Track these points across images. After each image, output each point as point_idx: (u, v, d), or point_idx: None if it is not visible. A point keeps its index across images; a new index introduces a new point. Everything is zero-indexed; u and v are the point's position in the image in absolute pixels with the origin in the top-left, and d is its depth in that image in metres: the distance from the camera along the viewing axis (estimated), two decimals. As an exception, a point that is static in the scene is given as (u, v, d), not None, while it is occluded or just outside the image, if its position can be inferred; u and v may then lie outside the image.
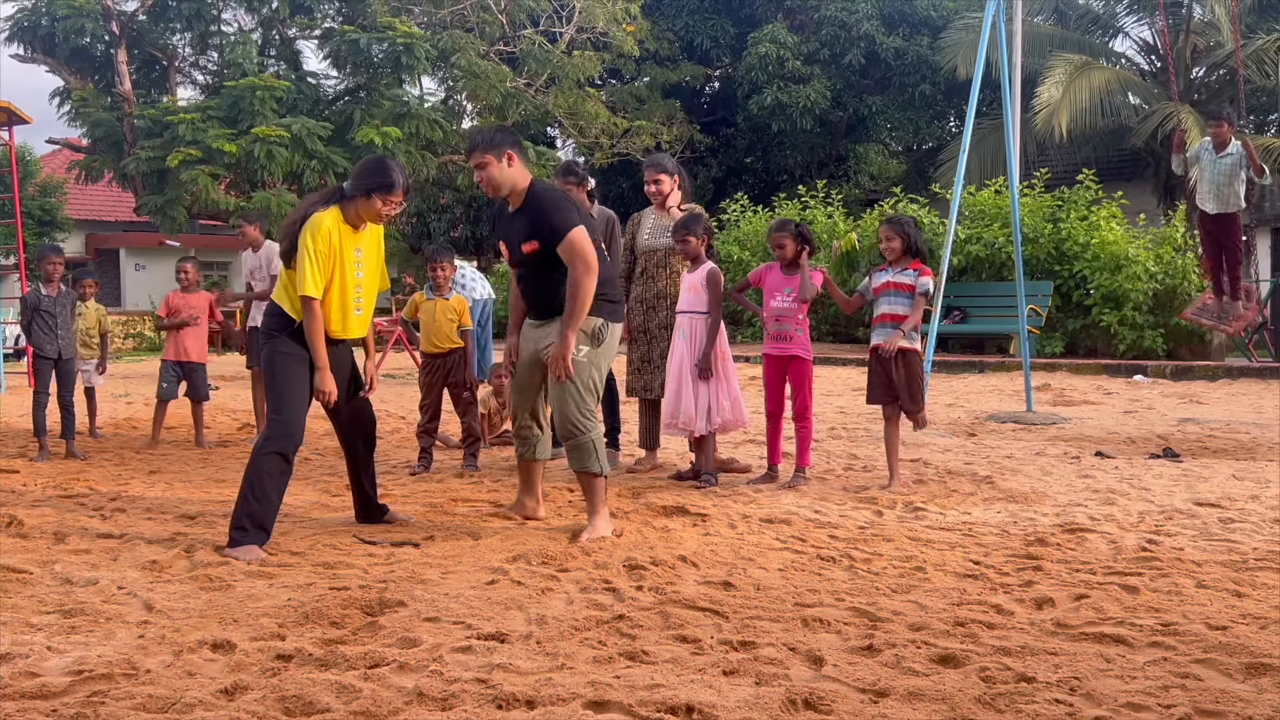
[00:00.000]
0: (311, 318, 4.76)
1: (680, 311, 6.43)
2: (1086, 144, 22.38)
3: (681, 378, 6.33)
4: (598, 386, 4.99)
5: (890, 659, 3.24)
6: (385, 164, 4.94)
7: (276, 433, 4.78)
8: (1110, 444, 8.00)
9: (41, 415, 7.69)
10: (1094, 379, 14.01)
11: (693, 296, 6.38)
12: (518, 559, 4.46)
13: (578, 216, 4.85)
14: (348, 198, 4.89)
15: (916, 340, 6.22)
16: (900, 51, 26.53)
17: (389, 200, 4.86)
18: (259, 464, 4.74)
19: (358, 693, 2.93)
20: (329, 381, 4.82)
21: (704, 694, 2.94)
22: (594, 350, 4.92)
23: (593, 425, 4.93)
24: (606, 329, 4.96)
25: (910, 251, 6.20)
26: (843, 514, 5.52)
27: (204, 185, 17.50)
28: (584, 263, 4.78)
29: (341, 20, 21.12)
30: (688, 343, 6.34)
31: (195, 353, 8.29)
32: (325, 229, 4.77)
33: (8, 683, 3.01)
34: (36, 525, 5.18)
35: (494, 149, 4.86)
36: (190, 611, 3.75)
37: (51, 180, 30.48)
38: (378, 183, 4.82)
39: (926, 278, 6.14)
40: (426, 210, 28.14)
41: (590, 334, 4.91)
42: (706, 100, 30.94)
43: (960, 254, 16.96)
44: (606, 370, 5.12)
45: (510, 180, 4.92)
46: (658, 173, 6.83)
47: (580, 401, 4.89)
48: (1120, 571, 4.33)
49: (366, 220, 4.94)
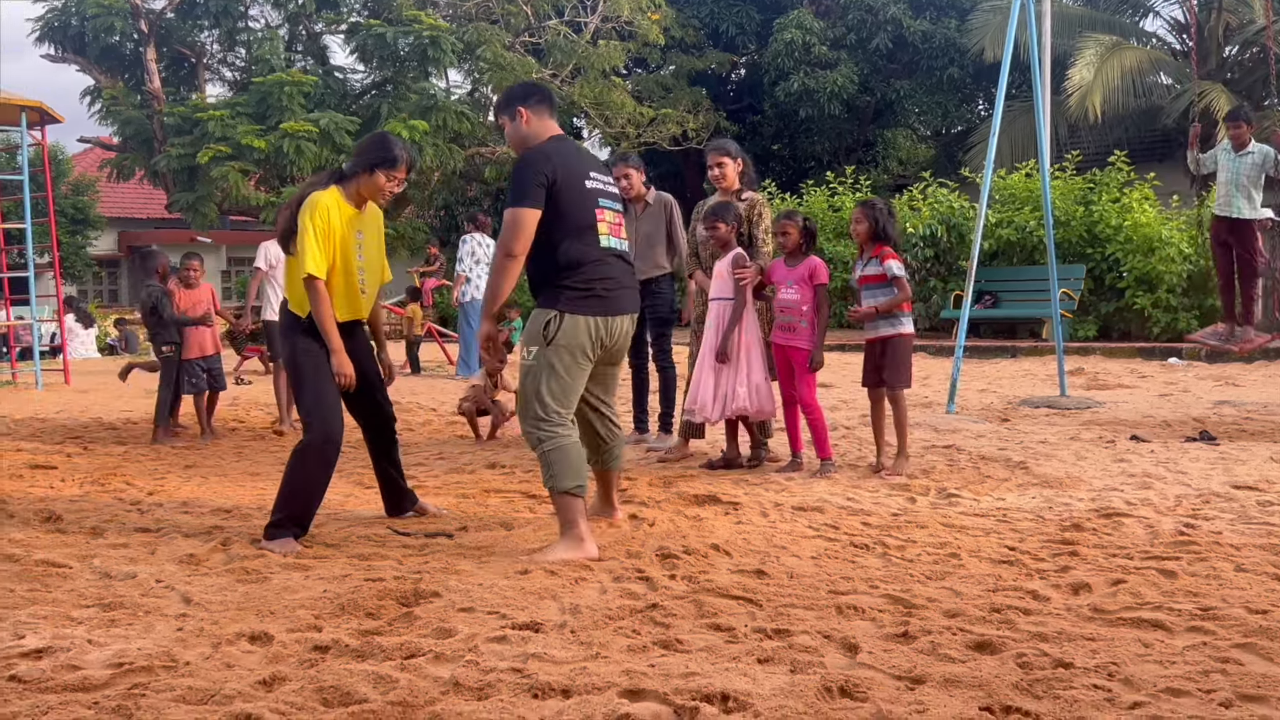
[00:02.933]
0: (317, 298, 4.65)
1: (714, 299, 6.43)
2: (1118, 125, 22.16)
3: (703, 364, 6.35)
4: (558, 390, 4.40)
5: (926, 646, 3.23)
6: (387, 139, 4.88)
7: (316, 437, 4.71)
8: (1145, 427, 7.93)
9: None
10: (1128, 362, 13.88)
11: (720, 283, 6.39)
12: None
13: (527, 192, 4.32)
14: (348, 176, 4.81)
15: (901, 324, 6.25)
16: (927, 35, 26.35)
17: (392, 175, 4.77)
18: (300, 463, 4.73)
19: (394, 683, 2.95)
20: (345, 364, 4.71)
21: (739, 682, 2.93)
22: (545, 350, 4.38)
23: (546, 435, 4.38)
24: (560, 323, 4.37)
25: (878, 236, 6.23)
26: (875, 501, 5.50)
27: (234, 181, 17.61)
28: (501, 244, 4.37)
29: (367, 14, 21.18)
30: (715, 330, 6.36)
31: (211, 345, 8.43)
32: (323, 206, 4.66)
33: (50, 675, 3.05)
34: (75, 520, 5.24)
35: (506, 108, 4.61)
36: (228, 604, 3.78)
37: (84, 179, 30.78)
38: (380, 157, 4.74)
39: (890, 261, 6.18)
40: (454, 202, 28.21)
41: (538, 330, 4.40)
42: (733, 88, 30.85)
43: (991, 238, 16.84)
44: (578, 368, 4.45)
45: (524, 138, 4.56)
46: (720, 156, 6.81)
47: (529, 408, 4.42)
48: (1157, 556, 4.29)
49: (368, 198, 4.85)
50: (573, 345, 4.40)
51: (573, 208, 4.41)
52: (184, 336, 8.34)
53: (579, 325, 4.40)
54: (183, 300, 8.38)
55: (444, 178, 21.67)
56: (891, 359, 6.22)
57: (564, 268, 4.41)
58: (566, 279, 4.41)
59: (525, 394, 4.46)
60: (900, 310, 6.22)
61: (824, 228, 19.48)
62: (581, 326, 4.40)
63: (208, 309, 8.39)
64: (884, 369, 6.25)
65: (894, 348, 6.23)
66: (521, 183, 4.35)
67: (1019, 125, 21.27)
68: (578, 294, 4.41)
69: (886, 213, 6.29)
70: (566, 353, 4.40)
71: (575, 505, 4.39)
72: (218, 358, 8.49)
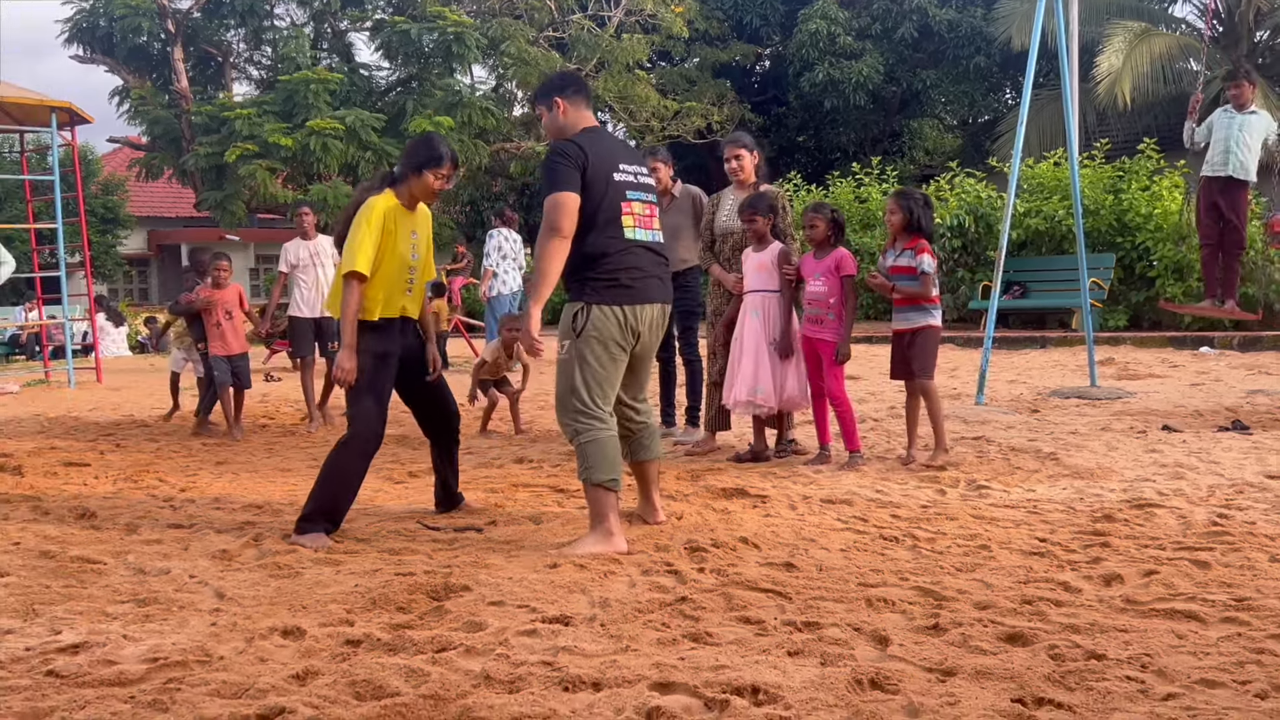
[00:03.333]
0: (349, 294, 4.74)
1: (752, 291, 6.43)
2: (1147, 112, 21.96)
3: (759, 356, 6.34)
4: (592, 382, 4.41)
5: (957, 638, 3.22)
6: (431, 138, 5.03)
7: (358, 431, 4.82)
8: (1177, 417, 7.86)
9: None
10: (1159, 352, 13.76)
11: (764, 275, 6.40)
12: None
13: (565, 179, 4.34)
14: (400, 179, 4.95)
15: (932, 316, 6.22)
16: (953, 24, 26.19)
17: (439, 174, 4.89)
18: (338, 459, 4.82)
19: (426, 676, 2.97)
20: (349, 359, 4.74)
21: (769, 674, 2.93)
22: (575, 342, 4.41)
23: (583, 427, 4.41)
24: (588, 314, 4.39)
25: (912, 228, 6.20)
26: (905, 493, 5.48)
27: (261, 179, 17.72)
28: (547, 225, 4.37)
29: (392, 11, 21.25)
30: (761, 321, 6.35)
31: (237, 345, 8.47)
32: (379, 210, 4.82)
33: (86, 670, 3.08)
34: (109, 517, 5.29)
35: (543, 99, 4.66)
36: (260, 599, 3.81)
37: (113, 178, 31.04)
38: (426, 157, 4.87)
39: (923, 255, 6.14)
40: (479, 198, 28.27)
41: (568, 323, 4.44)
42: (757, 79, 30.75)
43: (1019, 228, 16.72)
44: (611, 359, 4.46)
45: (560, 128, 4.60)
46: (737, 148, 6.84)
47: (565, 401, 4.45)
48: (1190, 547, 4.25)
49: (420, 199, 4.99)
50: (603, 336, 4.41)
51: (601, 198, 4.41)
52: (208, 333, 8.45)
53: (607, 315, 4.41)
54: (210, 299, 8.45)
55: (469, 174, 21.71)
56: (920, 349, 6.21)
57: (590, 258, 4.42)
58: (592, 271, 4.43)
59: (561, 387, 4.47)
60: (931, 303, 6.20)
61: (850, 219, 19.39)
62: (610, 317, 4.41)
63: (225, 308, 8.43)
64: (912, 360, 6.23)
65: (923, 339, 6.22)
66: (556, 171, 4.38)
67: (1047, 114, 21.11)
68: (603, 284, 4.42)
69: (922, 204, 6.24)
70: (597, 344, 4.40)
71: (608, 499, 4.40)
72: (243, 357, 8.52)
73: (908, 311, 6.26)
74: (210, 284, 8.52)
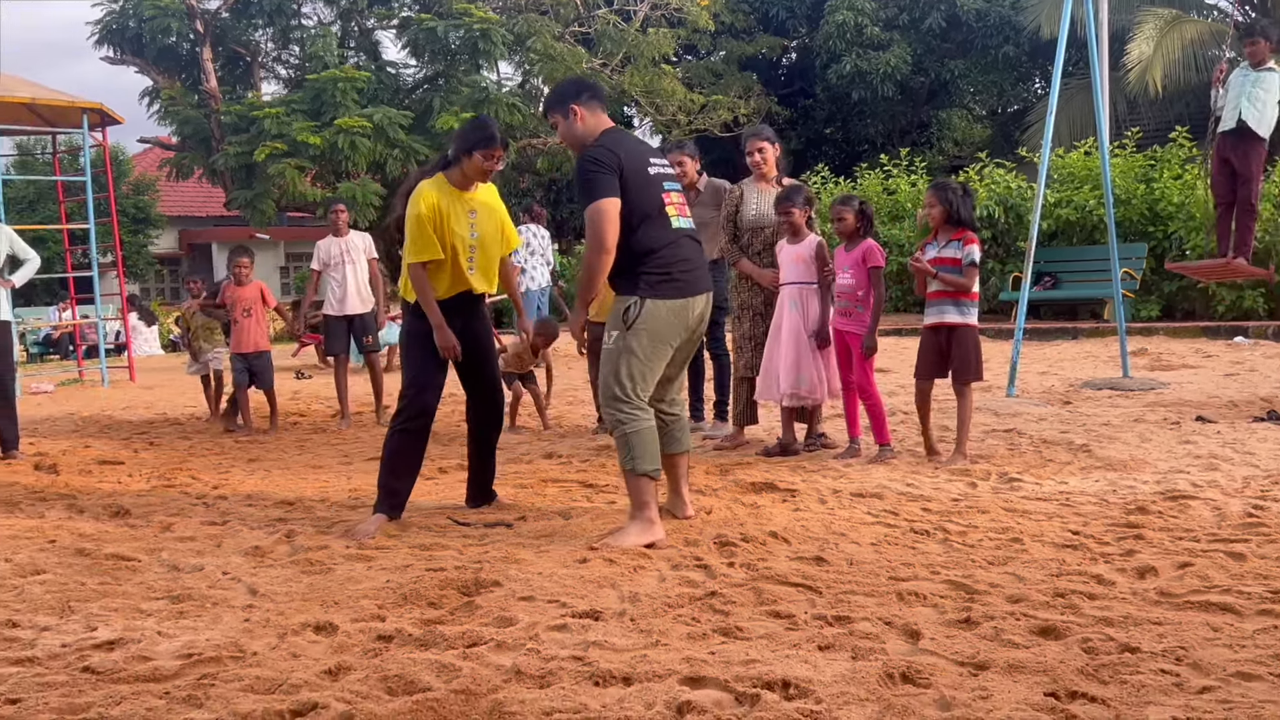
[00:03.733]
0: (416, 280, 4.97)
1: (790, 283, 6.41)
2: (1179, 100, 21.71)
3: (800, 348, 6.33)
4: (636, 373, 4.46)
5: (989, 631, 3.20)
6: (483, 120, 5.15)
7: (410, 407, 5.01)
8: (1211, 408, 7.78)
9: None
10: (1192, 342, 13.62)
11: (802, 268, 6.37)
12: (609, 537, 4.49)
13: (603, 186, 4.38)
14: (453, 161, 5.06)
15: (970, 314, 6.08)
16: (981, 13, 25.97)
17: (491, 155, 4.98)
18: (389, 439, 5.03)
19: (457, 671, 2.98)
20: (447, 337, 4.96)
21: (800, 669, 2.93)
22: (625, 334, 4.45)
23: (627, 417, 4.45)
24: (640, 308, 4.44)
25: (954, 220, 6.06)
26: (935, 486, 5.45)
27: (291, 178, 17.79)
28: (591, 238, 4.43)
29: (418, 9, 21.28)
30: (800, 313, 6.33)
31: (250, 343, 8.51)
32: (427, 195, 4.95)
33: (122, 666, 3.11)
34: (143, 515, 5.34)
35: (558, 107, 4.67)
36: (293, 595, 3.84)
37: (144, 178, 31.28)
38: (477, 138, 4.97)
39: (971, 246, 6.00)
40: (507, 194, 28.31)
41: (619, 315, 4.49)
42: (784, 72, 30.62)
43: (1050, 218, 16.58)
44: (657, 352, 4.51)
45: (582, 136, 4.62)
46: (760, 141, 6.81)
47: (609, 390, 4.48)
48: (1225, 539, 4.21)
49: (473, 179, 5.07)
50: (653, 329, 4.46)
51: (641, 194, 4.47)
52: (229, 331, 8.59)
53: (659, 309, 4.47)
54: (226, 297, 8.53)
55: (497, 170, 21.73)
56: (960, 350, 6.04)
57: (640, 254, 4.47)
58: (644, 265, 4.48)
59: (605, 377, 4.52)
60: (969, 299, 6.07)
61: (879, 211, 19.29)
62: (662, 310, 4.47)
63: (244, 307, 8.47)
64: (953, 361, 6.07)
65: (962, 338, 6.05)
66: (593, 178, 4.42)
67: (1077, 103, 20.91)
68: (656, 278, 4.48)
69: (961, 194, 6.06)
70: (646, 336, 4.46)
71: (650, 488, 4.47)
72: (260, 356, 8.56)
73: (943, 305, 6.08)
74: (231, 281, 8.59)
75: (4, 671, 3.10)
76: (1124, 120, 21.11)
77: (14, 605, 3.79)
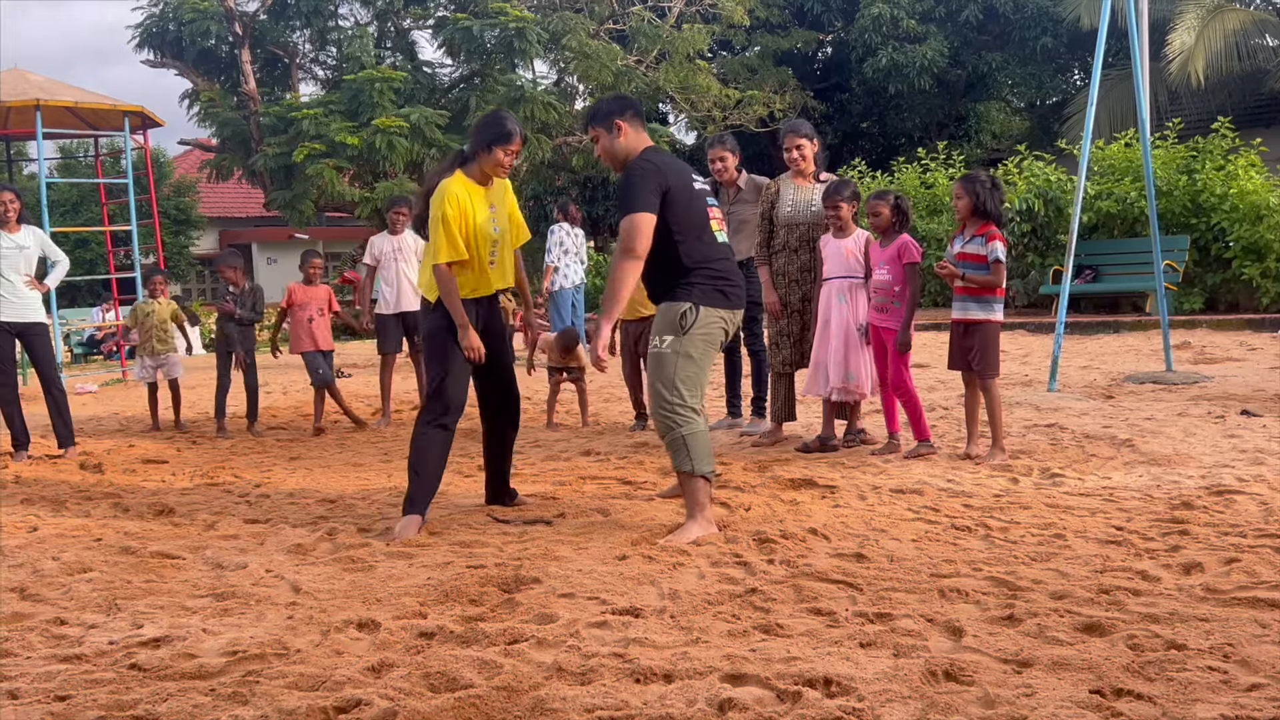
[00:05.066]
0: (443, 280, 4.91)
1: (837, 277, 6.39)
2: (1221, 90, 21.44)
3: (849, 342, 6.33)
4: (691, 378, 4.54)
5: (1032, 628, 3.17)
6: (499, 115, 5.11)
7: (434, 405, 4.97)
8: (1256, 402, 7.67)
9: (222, 399, 8.57)
10: (1236, 335, 13.44)
11: (850, 262, 6.36)
12: (648, 534, 4.49)
13: (644, 199, 4.48)
14: (470, 158, 5.04)
15: (994, 310, 6.04)
16: (1019, 4, 25.74)
17: (508, 150, 4.98)
18: (420, 439, 4.95)
19: (499, 668, 2.99)
20: (472, 337, 4.94)
21: (842, 666, 2.91)
22: (681, 338, 4.51)
23: (682, 420, 4.50)
24: (695, 313, 4.52)
25: (980, 213, 6.02)
26: (977, 482, 5.41)
27: (329, 178, 17.92)
28: (623, 243, 4.52)
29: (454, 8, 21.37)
30: (850, 307, 6.32)
31: (325, 342, 8.58)
32: (452, 193, 4.92)
33: (168, 663, 3.15)
34: (187, 513, 5.40)
35: (602, 121, 4.75)
36: (335, 592, 3.87)
37: (184, 180, 31.61)
38: (494, 134, 4.97)
39: (995, 243, 5.94)
40: (542, 192, 28.35)
41: (674, 320, 4.54)
42: (819, 66, 30.49)
43: (1090, 211, 16.42)
44: (708, 357, 4.61)
45: (623, 152, 4.72)
46: (798, 138, 6.75)
47: (665, 395, 4.52)
48: (1272, 534, 4.15)
49: (491, 174, 5.07)
50: (709, 335, 4.58)
51: (689, 210, 4.59)
52: (297, 330, 8.57)
53: (713, 317, 4.58)
54: (297, 296, 8.56)
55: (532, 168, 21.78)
56: (980, 346, 6.02)
57: (693, 267, 4.58)
58: (697, 275, 4.58)
59: (659, 381, 4.56)
60: (996, 296, 6.05)
61: (917, 205, 19.19)
62: (715, 319, 4.59)
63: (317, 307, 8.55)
64: (973, 357, 6.07)
65: (983, 334, 6.03)
66: (638, 190, 4.51)
67: (1116, 94, 20.70)
68: (710, 288, 4.60)
69: (989, 187, 6.01)
70: (702, 341, 4.56)
71: (706, 489, 4.57)
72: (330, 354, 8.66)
73: (966, 301, 6.09)
74: (303, 281, 8.65)
75: (53, 669, 3.14)
76: (1165, 111, 20.86)
77: (62, 603, 3.84)
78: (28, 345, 7.52)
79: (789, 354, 6.77)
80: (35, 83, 13.75)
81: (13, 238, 7.41)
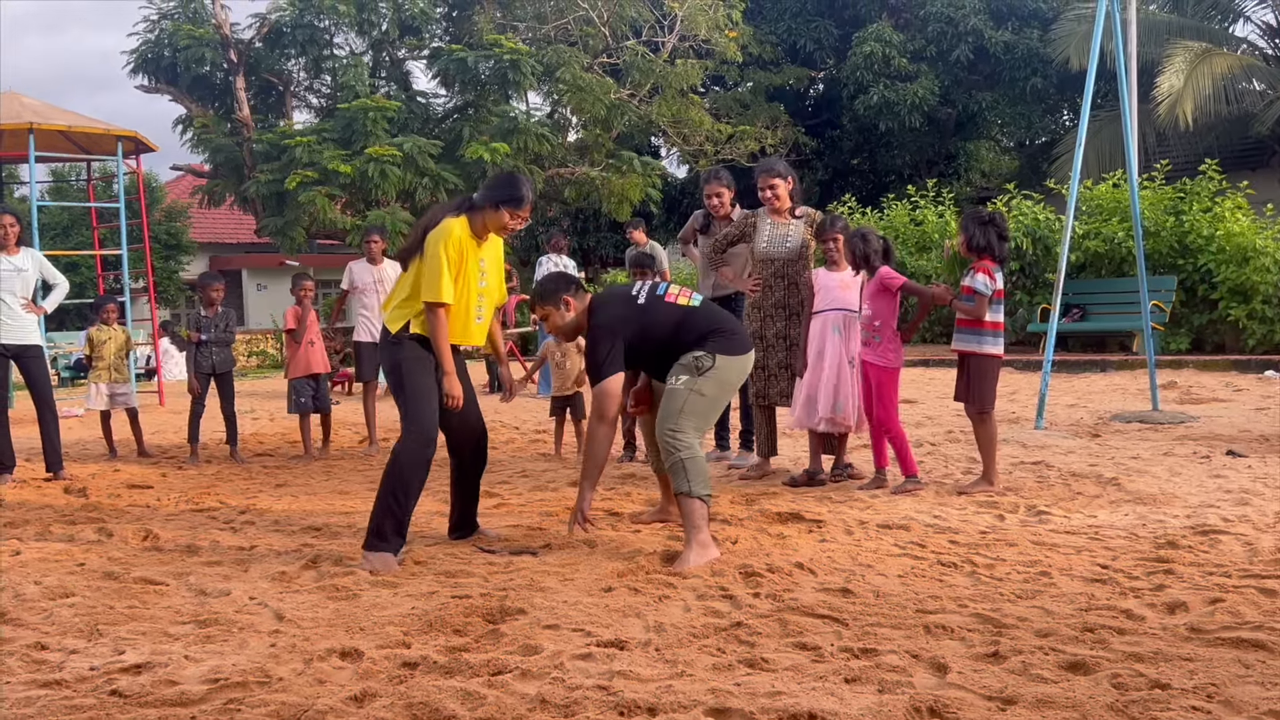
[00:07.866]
0: (437, 322, 4.86)
1: (832, 309, 6.45)
2: (1208, 133, 21.63)
3: (842, 374, 6.37)
4: (701, 412, 4.79)
5: (1017, 666, 3.17)
6: (517, 179, 5.09)
7: (412, 439, 4.86)
8: (1242, 442, 7.70)
9: (196, 424, 8.47)
10: (1222, 375, 13.51)
11: (846, 295, 6.43)
12: (634, 567, 4.49)
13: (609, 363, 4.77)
14: (476, 208, 5.02)
15: (983, 342, 6.12)
16: (1010, 45, 25.98)
17: (516, 215, 4.98)
18: (396, 463, 4.84)
19: (482, 699, 2.98)
20: (456, 386, 4.93)
21: (826, 701, 2.91)
22: (696, 378, 4.77)
23: (684, 444, 4.70)
24: (713, 361, 4.78)
25: (973, 248, 6.13)
26: (963, 519, 5.42)
27: (321, 206, 17.94)
28: (596, 414, 4.80)
29: (449, 39, 21.49)
30: (844, 340, 6.35)
31: (320, 365, 8.62)
32: (456, 236, 4.88)
33: (149, 690, 3.13)
34: (171, 539, 5.38)
35: (551, 299, 5.02)
36: (319, 621, 3.85)
37: (176, 205, 31.64)
38: (508, 195, 4.96)
39: (979, 274, 6.05)
40: (535, 223, 28.43)
41: (690, 364, 4.80)
42: (811, 103, 30.70)
43: (1078, 250, 16.52)
44: (722, 398, 4.88)
45: (573, 323, 5.04)
46: (771, 178, 6.81)
47: (670, 419, 4.74)
48: (1257, 574, 4.16)
49: (491, 230, 5.06)
50: (722, 379, 4.82)
51: (658, 323, 4.87)
52: (293, 354, 8.58)
53: (731, 364, 4.85)
54: (305, 319, 8.59)
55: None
56: (975, 378, 6.12)
57: (694, 342, 4.83)
58: (702, 342, 4.83)
59: (669, 409, 4.77)
60: (984, 329, 6.10)
61: (906, 242, 19.33)
62: (734, 365, 4.86)
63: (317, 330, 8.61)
64: (969, 388, 6.16)
65: (976, 366, 6.13)
66: (600, 357, 4.79)
67: (1105, 135, 20.87)
68: (721, 338, 4.86)
69: (979, 223, 6.12)
70: (715, 385, 4.81)
71: (704, 511, 4.70)
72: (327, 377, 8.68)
73: (964, 333, 6.19)
74: (297, 306, 8.67)
75: (32, 694, 3.12)
76: (1153, 152, 21.04)
77: (43, 628, 3.82)
78: (23, 368, 7.51)
79: (765, 386, 6.77)
80: (29, 106, 13.78)
81: (11, 260, 7.43)
